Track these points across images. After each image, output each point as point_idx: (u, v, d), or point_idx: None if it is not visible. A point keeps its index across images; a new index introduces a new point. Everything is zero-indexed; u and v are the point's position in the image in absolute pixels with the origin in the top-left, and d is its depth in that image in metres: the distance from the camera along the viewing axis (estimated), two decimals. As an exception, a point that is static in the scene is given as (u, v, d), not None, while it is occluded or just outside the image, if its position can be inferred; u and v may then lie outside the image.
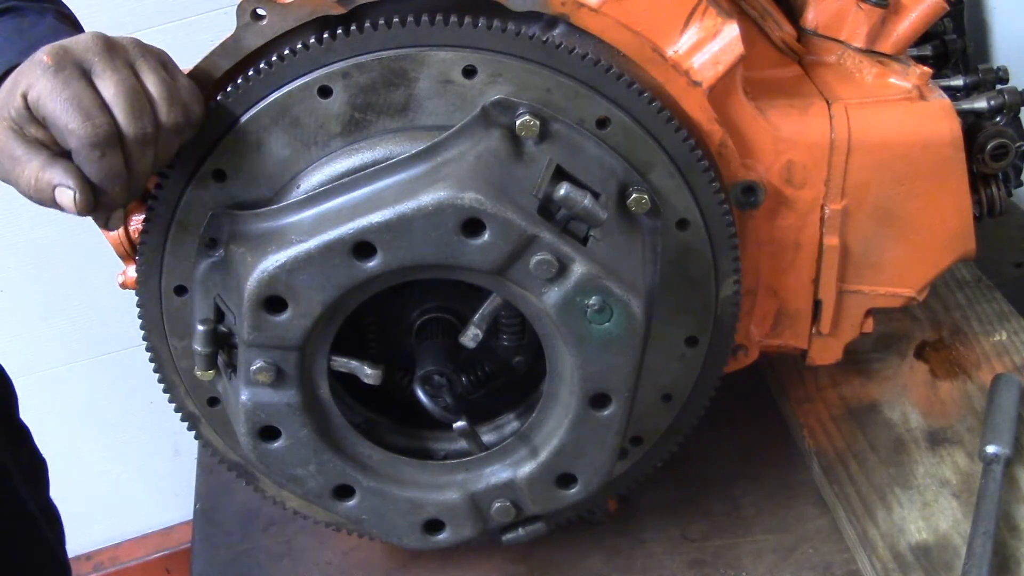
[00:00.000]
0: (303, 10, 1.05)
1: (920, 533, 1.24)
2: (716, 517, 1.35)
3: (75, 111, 0.92)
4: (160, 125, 0.97)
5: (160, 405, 1.24)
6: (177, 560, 2.79)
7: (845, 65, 1.25)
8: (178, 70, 1.02)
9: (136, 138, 0.95)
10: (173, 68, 1.02)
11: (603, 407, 1.07)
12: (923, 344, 1.52)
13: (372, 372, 1.09)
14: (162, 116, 0.97)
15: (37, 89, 0.92)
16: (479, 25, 1.04)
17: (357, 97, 1.05)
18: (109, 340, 2.54)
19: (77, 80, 0.93)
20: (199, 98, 1.02)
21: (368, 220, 0.97)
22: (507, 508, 1.14)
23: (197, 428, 1.24)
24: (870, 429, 1.39)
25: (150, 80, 0.97)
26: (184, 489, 1.59)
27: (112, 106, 0.94)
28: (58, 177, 0.93)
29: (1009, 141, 1.29)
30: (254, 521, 1.46)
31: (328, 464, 1.11)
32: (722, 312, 1.18)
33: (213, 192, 1.08)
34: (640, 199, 1.06)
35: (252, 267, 1.00)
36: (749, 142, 1.17)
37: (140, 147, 0.96)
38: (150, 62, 0.98)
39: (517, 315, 1.14)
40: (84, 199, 0.93)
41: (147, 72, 0.97)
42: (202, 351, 1.08)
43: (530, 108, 1.03)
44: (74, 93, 0.92)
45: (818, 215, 1.22)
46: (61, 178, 0.93)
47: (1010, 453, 1.27)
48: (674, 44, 1.12)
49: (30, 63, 0.94)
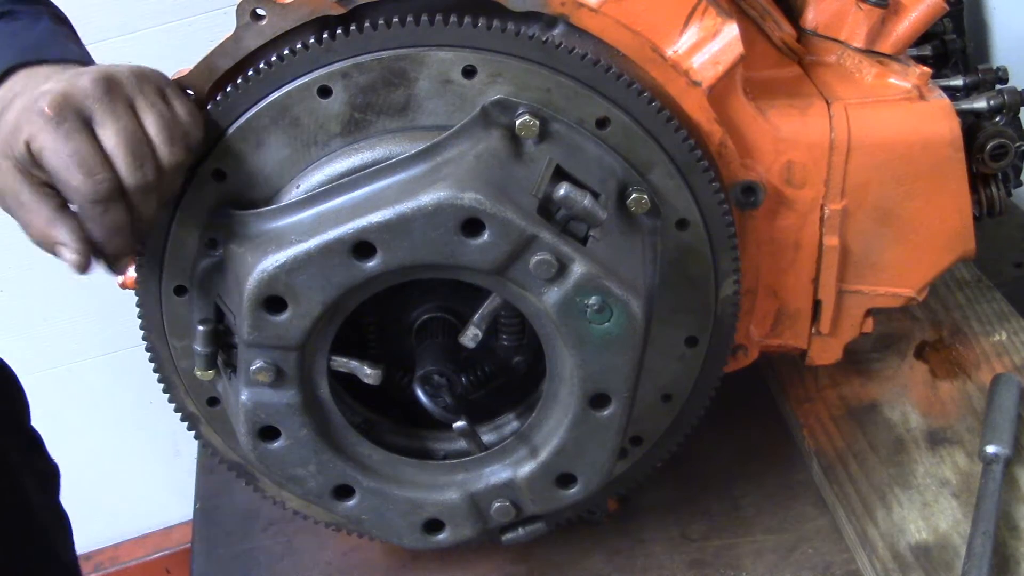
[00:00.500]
0: (303, 10, 1.05)
1: (920, 533, 1.24)
2: (716, 517, 1.35)
3: (76, 168, 0.92)
4: (162, 169, 0.97)
5: (160, 405, 1.24)
6: (177, 560, 2.79)
7: (845, 65, 1.25)
8: (175, 93, 1.02)
9: (139, 188, 0.95)
10: (171, 94, 1.01)
11: (603, 407, 1.07)
12: (923, 344, 1.52)
13: (372, 372, 1.09)
14: (163, 159, 0.97)
15: (39, 141, 0.92)
16: (479, 25, 1.04)
17: (357, 97, 1.05)
18: (109, 340, 2.55)
19: (78, 133, 0.93)
20: (198, 120, 1.02)
21: (368, 220, 0.97)
22: (507, 508, 1.14)
23: (197, 428, 1.24)
24: (870, 429, 1.39)
25: (150, 120, 0.97)
26: (184, 489, 1.58)
27: (114, 158, 0.94)
28: (61, 236, 0.94)
29: (1009, 141, 1.29)
30: (254, 521, 1.46)
31: (328, 464, 1.11)
32: (722, 312, 1.18)
33: (213, 192, 1.08)
34: (640, 199, 1.06)
35: (252, 267, 1.00)
36: (749, 142, 1.17)
37: (143, 196, 0.96)
38: (148, 96, 0.98)
39: (517, 315, 1.13)
40: (82, 261, 0.94)
41: (147, 111, 0.97)
42: (202, 351, 1.08)
43: (530, 108, 1.03)
44: (75, 148, 0.92)
45: (818, 215, 1.22)
46: (64, 237, 0.94)
47: (1010, 453, 1.27)
48: (674, 44, 1.12)
49: (30, 110, 0.93)
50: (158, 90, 1.00)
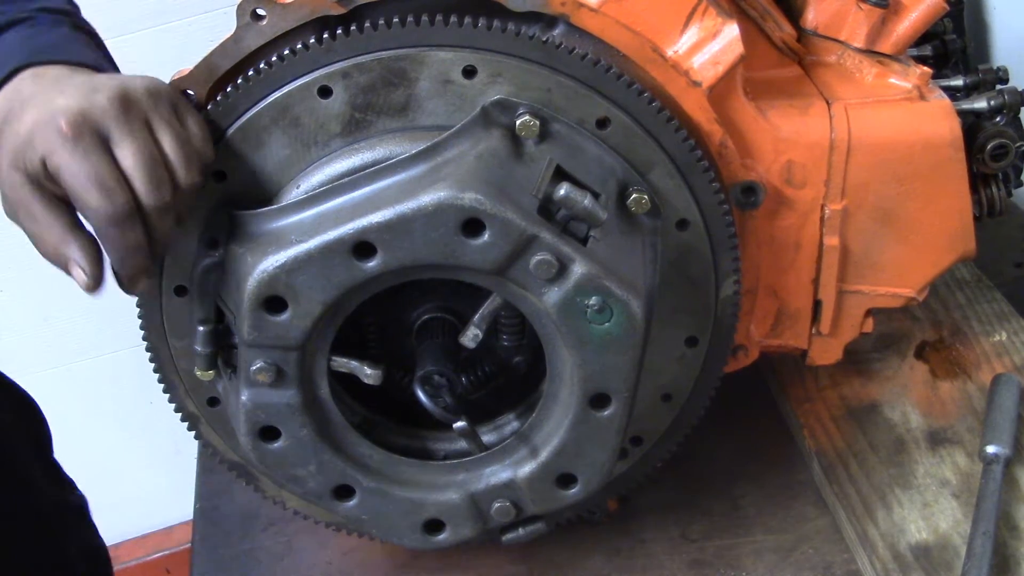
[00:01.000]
0: (303, 10, 1.05)
1: (920, 533, 1.24)
2: (716, 517, 1.35)
3: (95, 188, 0.91)
4: (179, 188, 0.97)
5: (160, 405, 1.24)
6: (177, 560, 2.79)
7: (845, 65, 1.25)
8: (187, 110, 1.02)
9: (157, 208, 0.95)
10: (183, 110, 1.01)
11: (603, 407, 1.07)
12: (923, 344, 1.52)
13: (372, 372, 1.09)
14: (181, 180, 0.97)
15: (56, 160, 0.91)
16: (479, 25, 1.04)
17: (357, 97, 1.05)
18: (109, 340, 2.55)
19: (95, 152, 0.92)
20: (208, 138, 1.02)
21: (368, 220, 0.97)
22: (507, 508, 1.14)
23: (197, 428, 1.24)
24: (870, 429, 1.39)
25: (167, 140, 0.96)
26: (184, 489, 1.58)
27: (132, 178, 0.93)
28: (74, 254, 0.94)
29: (1009, 141, 1.29)
30: (254, 521, 1.46)
31: (328, 464, 1.11)
32: (722, 312, 1.18)
33: (213, 192, 1.08)
34: (640, 199, 1.06)
35: (252, 267, 1.00)
36: (749, 142, 1.17)
37: (160, 216, 0.96)
38: (164, 114, 0.97)
39: (517, 315, 1.13)
40: (93, 284, 0.94)
41: (163, 130, 0.97)
42: (202, 351, 1.08)
43: (530, 108, 1.03)
44: (93, 168, 0.91)
45: (818, 215, 1.22)
46: (77, 256, 0.94)
47: (1010, 453, 1.27)
48: (674, 44, 1.12)
49: (47, 125, 0.92)
50: (172, 108, 0.99)
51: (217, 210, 1.07)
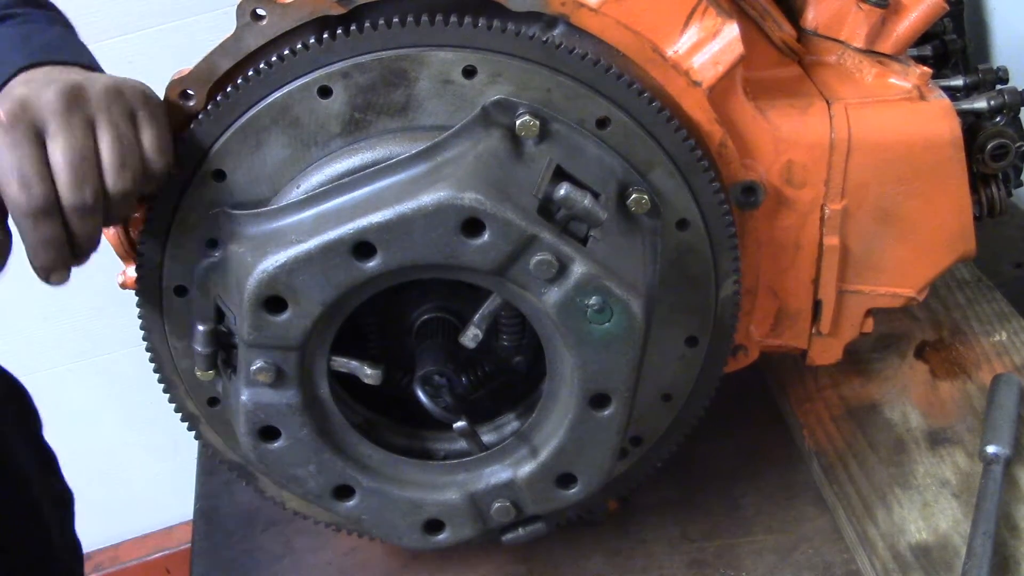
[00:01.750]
0: (303, 10, 1.05)
1: (920, 533, 1.24)
2: (716, 517, 1.35)
3: (13, 178, 0.92)
4: (107, 193, 0.96)
5: (160, 405, 1.24)
6: (177, 560, 2.79)
7: (845, 65, 1.25)
8: (150, 118, 1.00)
9: (75, 208, 0.94)
10: (146, 117, 0.99)
11: (603, 407, 1.07)
12: (923, 344, 1.52)
13: (372, 372, 1.09)
14: (109, 183, 0.96)
15: None
16: (479, 25, 1.04)
17: (357, 97, 1.05)
18: (109, 340, 2.54)
19: (26, 143, 0.92)
20: (165, 149, 1.01)
21: (368, 220, 0.97)
22: (507, 508, 1.14)
23: (197, 428, 1.24)
24: (870, 429, 1.39)
25: (106, 142, 0.96)
26: (184, 489, 1.58)
27: (56, 174, 0.93)
28: None
29: (1009, 141, 1.29)
30: (254, 521, 1.46)
31: (328, 464, 1.11)
32: (722, 312, 1.18)
33: (213, 192, 1.08)
34: (640, 199, 1.06)
35: (252, 267, 1.00)
36: (749, 142, 1.17)
37: (80, 216, 0.95)
38: (114, 116, 0.96)
39: (517, 315, 1.14)
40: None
41: (106, 132, 0.96)
42: (202, 351, 1.08)
43: (530, 108, 1.03)
44: (18, 158, 0.92)
45: (818, 215, 1.22)
46: None
47: (1010, 453, 1.27)
48: (674, 44, 1.12)
49: None
50: (128, 112, 0.98)
51: (217, 210, 1.07)
